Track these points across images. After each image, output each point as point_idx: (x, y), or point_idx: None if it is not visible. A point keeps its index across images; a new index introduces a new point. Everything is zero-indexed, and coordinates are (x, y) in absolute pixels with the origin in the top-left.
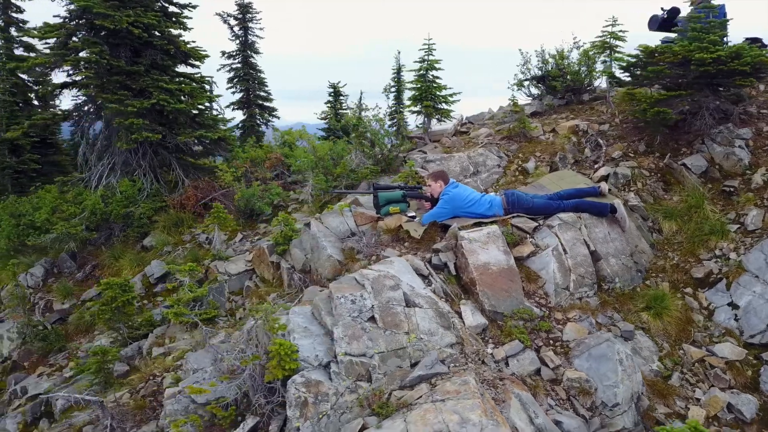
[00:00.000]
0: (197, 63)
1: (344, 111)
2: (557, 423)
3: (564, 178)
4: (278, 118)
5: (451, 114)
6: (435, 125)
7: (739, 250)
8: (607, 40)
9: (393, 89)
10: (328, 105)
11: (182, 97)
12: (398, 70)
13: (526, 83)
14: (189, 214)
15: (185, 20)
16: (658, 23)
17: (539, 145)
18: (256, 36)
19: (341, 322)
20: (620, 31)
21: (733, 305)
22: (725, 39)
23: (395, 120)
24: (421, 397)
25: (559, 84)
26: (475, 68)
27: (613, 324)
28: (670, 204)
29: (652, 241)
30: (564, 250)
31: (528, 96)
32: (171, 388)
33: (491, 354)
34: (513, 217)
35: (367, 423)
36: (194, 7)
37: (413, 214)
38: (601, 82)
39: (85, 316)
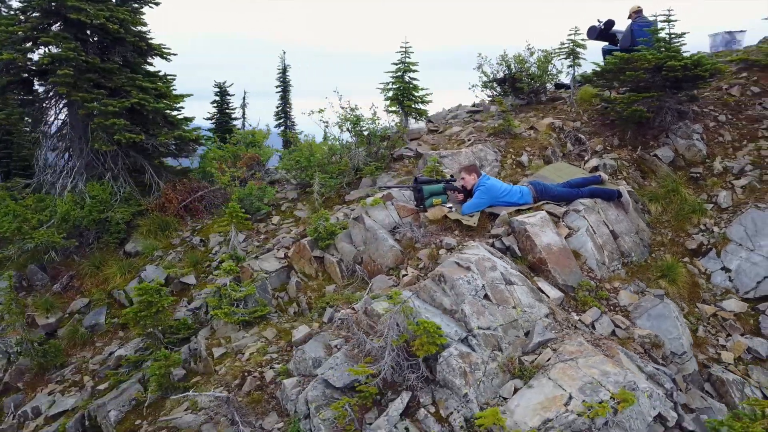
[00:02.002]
0: (157, 62)
1: (231, 111)
2: (657, 369)
3: (561, 170)
4: None
5: (428, 113)
6: (412, 124)
7: (720, 224)
8: (571, 47)
9: (279, 89)
10: (215, 105)
11: (157, 96)
12: (284, 70)
13: (489, 85)
14: (171, 217)
15: (143, 16)
16: (596, 33)
17: (525, 141)
18: None
19: (466, 301)
20: (582, 39)
21: (726, 269)
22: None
23: (282, 119)
24: (549, 359)
25: (526, 86)
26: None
27: (643, 291)
28: (650, 189)
29: (648, 221)
30: (593, 230)
31: (489, 97)
32: (286, 378)
33: (580, 320)
34: (544, 204)
35: (516, 385)
36: (157, 3)
37: (450, 205)
38: (551, 86)
39: (80, 329)
